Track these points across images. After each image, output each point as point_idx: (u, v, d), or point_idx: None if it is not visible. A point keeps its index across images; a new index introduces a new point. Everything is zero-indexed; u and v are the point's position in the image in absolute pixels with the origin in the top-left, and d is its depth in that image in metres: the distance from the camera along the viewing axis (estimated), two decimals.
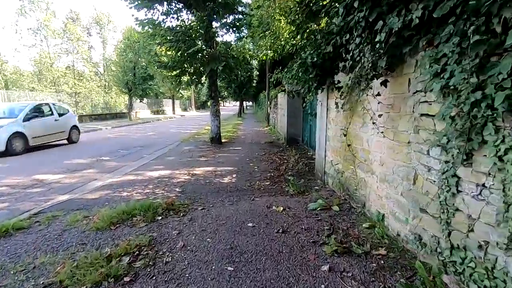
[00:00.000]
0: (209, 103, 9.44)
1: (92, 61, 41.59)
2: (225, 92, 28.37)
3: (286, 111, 9.05)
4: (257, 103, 30.12)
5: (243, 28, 8.97)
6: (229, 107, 68.41)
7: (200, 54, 8.05)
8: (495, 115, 1.51)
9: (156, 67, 7.78)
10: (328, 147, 4.39)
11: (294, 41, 7.14)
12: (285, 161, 6.67)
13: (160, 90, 41.98)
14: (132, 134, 13.55)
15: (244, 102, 48.11)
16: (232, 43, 8.75)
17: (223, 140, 9.93)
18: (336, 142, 4.07)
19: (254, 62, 29.11)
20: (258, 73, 29.11)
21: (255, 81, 29.75)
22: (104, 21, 41.55)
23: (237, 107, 29.70)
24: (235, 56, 8.19)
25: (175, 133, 14.15)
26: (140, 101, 28.09)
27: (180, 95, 39.46)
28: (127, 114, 26.33)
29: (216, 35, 8.09)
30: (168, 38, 7.12)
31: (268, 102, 15.57)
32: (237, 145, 9.16)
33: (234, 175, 5.44)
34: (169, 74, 8.50)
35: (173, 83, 8.88)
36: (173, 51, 7.24)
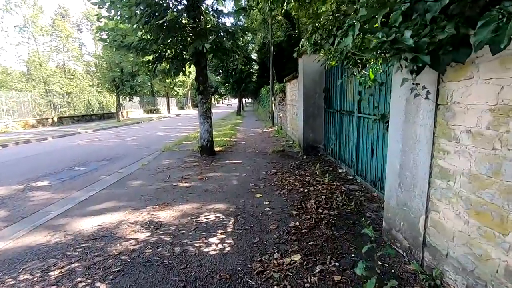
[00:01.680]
0: (190, 97, 6.93)
1: (83, 59, 39.20)
2: (222, 88, 25.85)
3: (301, 109, 6.61)
4: (257, 99, 27.60)
5: None
6: (220, 107, 66.28)
7: (180, 31, 5.61)
8: None
9: (114, 49, 5.30)
10: (445, 193, 1.94)
11: None
12: (312, 188, 4.25)
13: (155, 88, 39.55)
14: (109, 140, 11.12)
15: (244, 99, 45.53)
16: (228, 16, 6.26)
17: (217, 149, 7.51)
18: (487, 186, 1.64)
19: (254, 55, 26.60)
20: (258, 67, 26.62)
21: (255, 76, 27.26)
22: (95, 17, 39.01)
23: (233, 105, 27.06)
24: (231, 30, 5.73)
25: (161, 137, 11.72)
26: (130, 100, 25.59)
27: (175, 92, 36.90)
28: (117, 114, 23.85)
29: (203, 1, 5.62)
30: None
31: (273, 98, 13.12)
32: (236, 157, 6.73)
33: (229, 229, 3.02)
34: (140, 60, 6.07)
35: (148, 73, 6.43)
36: (136, 22, 4.80)
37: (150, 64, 6.05)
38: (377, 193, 3.90)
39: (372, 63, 2.73)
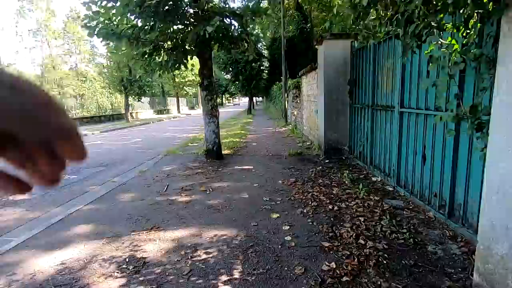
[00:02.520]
0: (200, 97, 6.12)
1: (95, 60, 39.35)
2: (232, 87, 25.03)
3: (322, 105, 5.66)
4: (268, 97, 26.66)
5: None
6: (231, 106, 65.26)
7: (179, 16, 4.77)
8: None
9: (102, 38, 4.50)
10: None
11: None
12: (344, 205, 3.31)
13: (165, 89, 39.29)
14: (112, 143, 10.48)
15: (254, 98, 44.66)
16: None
17: (225, 152, 6.66)
18: None
19: (265, 52, 25.66)
20: (269, 64, 25.66)
21: (266, 73, 26.32)
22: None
23: (241, 104, 26.00)
24: (238, 12, 4.83)
25: (167, 138, 10.98)
26: (138, 100, 25.17)
27: (185, 92, 36.41)
28: (126, 115, 23.46)
29: None
30: None
31: (286, 95, 12.16)
32: (246, 162, 5.86)
33: (236, 274, 2.12)
34: (135, 52, 5.26)
35: (145, 68, 5.65)
36: (126, 4, 3.98)
37: (146, 56, 5.25)
38: (433, 213, 2.93)
39: (449, 27, 1.78)
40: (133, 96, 24.65)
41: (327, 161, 5.44)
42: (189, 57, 5.51)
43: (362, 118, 4.95)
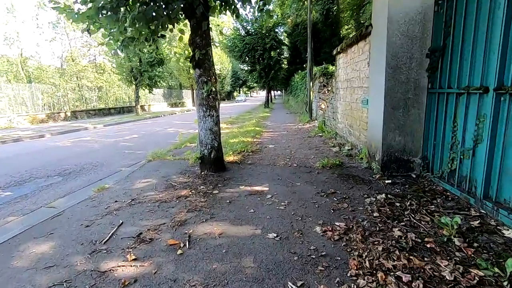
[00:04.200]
0: (195, 83, 4.10)
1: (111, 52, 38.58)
2: (249, 77, 22.89)
3: (378, 93, 3.56)
4: (288, 89, 24.34)
5: None
6: (249, 99, 63.34)
7: None
8: None
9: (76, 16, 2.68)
10: None
11: None
12: None
13: (180, 81, 37.84)
14: (102, 139, 8.86)
15: (272, 92, 42.17)
16: None
17: (229, 158, 4.73)
18: None
19: (285, 40, 23.30)
20: (289, 52, 23.34)
21: (285, 62, 24.07)
22: None
23: (249, 100, 23.75)
24: None
25: (168, 135, 9.22)
26: (150, 92, 23.76)
27: None
28: (136, 108, 22.14)
29: None
30: None
31: (311, 84, 9.99)
32: (259, 178, 3.88)
33: None
34: (111, 26, 3.40)
35: (108, 30, 3.76)
36: None
37: (106, 11, 3.36)
38: None
39: None
40: (143, 88, 23.27)
41: (389, 181, 3.36)
42: (173, 15, 3.54)
43: (459, 111, 2.83)
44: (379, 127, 3.62)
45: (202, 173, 4.06)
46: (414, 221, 2.36)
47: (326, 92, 9.94)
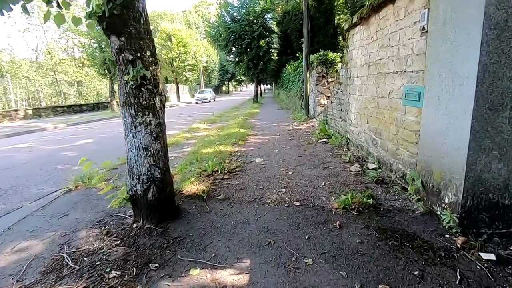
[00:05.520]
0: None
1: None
2: (236, 70, 20.89)
3: (468, 79, 1.85)
4: (279, 82, 22.54)
5: None
6: (231, 95, 61.20)
7: None
8: None
9: None
10: None
11: None
12: None
13: (163, 74, 35.38)
14: (43, 147, 6.92)
15: (262, 86, 39.80)
16: None
17: (189, 189, 2.97)
18: None
19: (275, 29, 21.31)
20: (279, 42, 21.45)
21: (275, 53, 22.23)
22: None
23: (237, 94, 21.64)
24: None
25: None
26: None
27: (185, 78, 32.53)
28: (111, 104, 19.98)
29: None
30: None
31: (308, 74, 8.23)
32: (232, 239, 2.14)
33: None
34: None
35: None
36: None
37: None
38: None
39: None
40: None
41: (489, 256, 1.67)
42: None
43: None
44: (456, 143, 1.92)
45: (135, 225, 2.29)
46: None
47: (326, 84, 8.23)
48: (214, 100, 28.94)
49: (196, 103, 26.57)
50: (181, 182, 3.18)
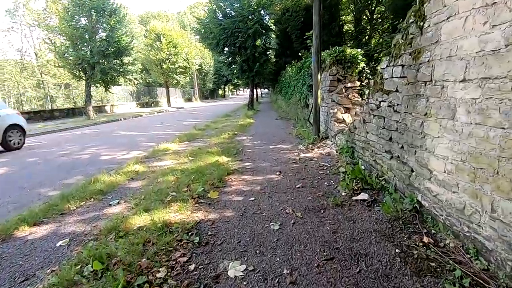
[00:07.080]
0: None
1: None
2: (229, 72, 18.54)
3: None
4: (277, 87, 20.23)
5: None
6: (227, 100, 58.83)
7: None
8: None
9: None
10: None
11: None
12: None
13: (153, 77, 32.92)
14: None
15: (258, 90, 37.10)
16: None
17: None
18: None
19: (273, 26, 19.01)
20: (278, 42, 19.22)
21: (274, 54, 20.03)
22: None
23: (233, 98, 19.12)
24: None
25: (75, 164, 4.98)
26: (106, 90, 19.19)
27: (176, 81, 30.16)
28: (86, 110, 17.60)
29: None
30: None
31: (319, 76, 5.91)
32: None
33: None
34: None
35: None
36: None
37: None
38: None
39: None
40: (97, 85, 18.66)
41: None
42: None
43: None
44: None
45: None
46: None
47: (343, 90, 5.94)
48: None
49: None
50: None
